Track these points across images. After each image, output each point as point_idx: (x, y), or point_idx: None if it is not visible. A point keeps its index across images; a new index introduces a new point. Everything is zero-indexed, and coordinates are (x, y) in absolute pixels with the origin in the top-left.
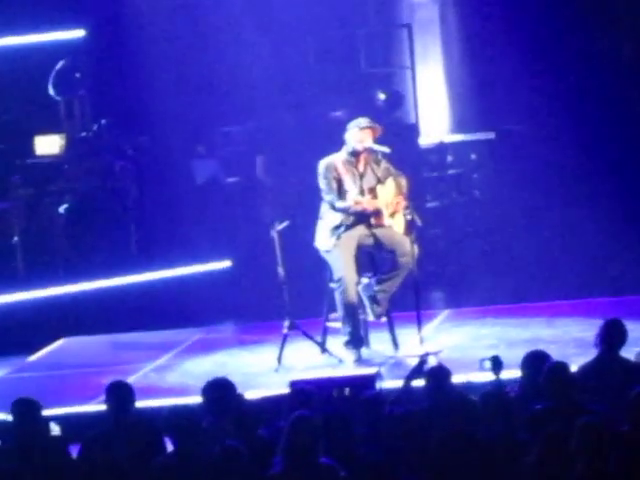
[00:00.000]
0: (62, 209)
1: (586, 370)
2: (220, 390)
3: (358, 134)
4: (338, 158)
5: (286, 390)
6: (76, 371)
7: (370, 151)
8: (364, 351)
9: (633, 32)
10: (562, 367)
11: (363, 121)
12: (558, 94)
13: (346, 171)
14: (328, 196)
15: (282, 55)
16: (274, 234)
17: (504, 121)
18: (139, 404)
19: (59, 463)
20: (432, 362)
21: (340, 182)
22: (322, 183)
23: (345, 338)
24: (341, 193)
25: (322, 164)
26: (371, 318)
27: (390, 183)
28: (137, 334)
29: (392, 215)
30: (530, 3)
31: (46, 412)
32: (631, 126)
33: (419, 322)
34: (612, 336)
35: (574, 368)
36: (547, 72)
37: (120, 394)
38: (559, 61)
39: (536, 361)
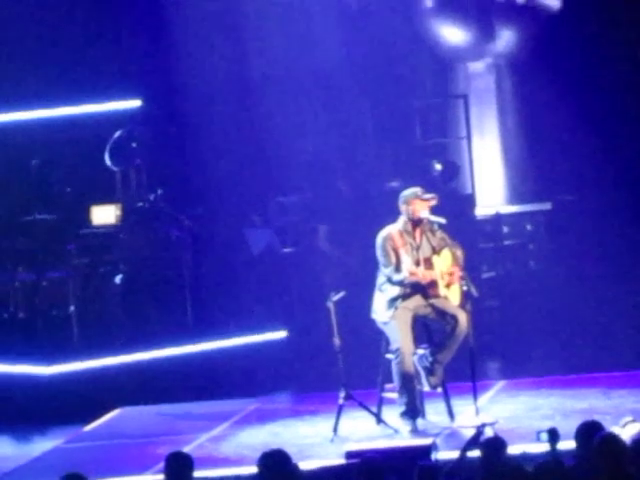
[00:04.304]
0: (118, 279)
1: None
2: (275, 461)
3: (414, 205)
4: (395, 229)
5: (341, 460)
6: (132, 441)
7: (426, 222)
8: (420, 422)
9: None
10: (614, 438)
11: (419, 192)
12: (615, 165)
13: (403, 242)
14: (386, 269)
15: (339, 125)
16: (330, 304)
17: (560, 191)
18: (195, 474)
19: None
20: (488, 433)
21: (397, 253)
22: (380, 256)
23: (401, 408)
24: (398, 264)
25: (380, 236)
26: (427, 389)
27: (446, 253)
28: (193, 404)
29: (448, 286)
30: (586, 74)
31: None
32: None
33: (475, 393)
34: None
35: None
36: (604, 143)
37: (179, 464)
38: (616, 132)
39: (590, 431)
